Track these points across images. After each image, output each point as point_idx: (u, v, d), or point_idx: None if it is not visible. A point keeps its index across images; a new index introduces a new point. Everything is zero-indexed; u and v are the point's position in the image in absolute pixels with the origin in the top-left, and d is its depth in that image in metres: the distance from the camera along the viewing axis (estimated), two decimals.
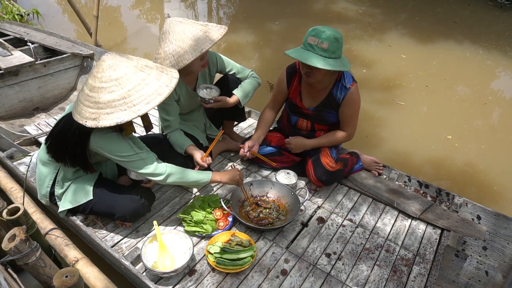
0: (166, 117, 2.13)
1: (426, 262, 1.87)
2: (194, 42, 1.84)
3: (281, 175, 2.24)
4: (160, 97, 1.55)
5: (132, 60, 1.57)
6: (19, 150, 2.43)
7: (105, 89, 1.50)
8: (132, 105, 1.51)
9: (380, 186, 2.27)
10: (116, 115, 1.50)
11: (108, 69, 1.51)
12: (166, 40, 1.88)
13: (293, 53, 1.91)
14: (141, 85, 1.52)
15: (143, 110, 1.52)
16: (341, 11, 6.50)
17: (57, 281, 1.23)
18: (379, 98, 4.03)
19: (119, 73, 1.51)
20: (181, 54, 1.84)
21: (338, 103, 2.09)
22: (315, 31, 1.86)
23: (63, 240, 1.67)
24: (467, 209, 2.16)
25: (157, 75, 1.58)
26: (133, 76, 1.52)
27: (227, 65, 2.27)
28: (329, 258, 1.85)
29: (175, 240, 1.80)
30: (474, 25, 6.24)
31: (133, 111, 1.51)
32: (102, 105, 1.50)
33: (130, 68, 1.53)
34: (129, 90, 1.51)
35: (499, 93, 4.39)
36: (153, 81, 1.55)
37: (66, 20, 5.93)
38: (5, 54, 3.14)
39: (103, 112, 1.50)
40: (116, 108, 1.50)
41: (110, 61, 1.52)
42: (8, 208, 1.56)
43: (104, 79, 1.51)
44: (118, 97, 1.50)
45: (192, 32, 1.87)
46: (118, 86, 1.50)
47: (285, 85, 2.20)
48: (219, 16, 6.63)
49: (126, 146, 1.67)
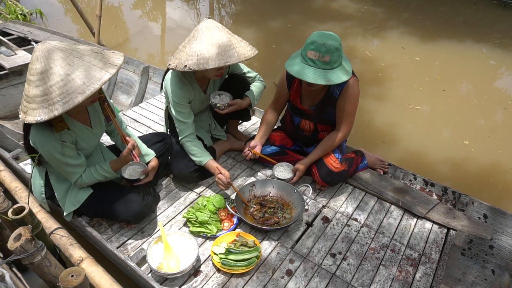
0: (183, 120, 2.08)
1: (432, 261, 1.85)
2: (223, 53, 1.83)
3: (278, 169, 2.23)
4: (81, 96, 1.40)
5: (63, 51, 1.43)
6: (24, 150, 2.43)
7: (33, 83, 1.42)
8: (51, 103, 1.40)
9: (385, 184, 2.26)
10: (38, 112, 1.41)
11: (35, 61, 1.41)
12: (197, 38, 1.87)
13: (295, 70, 1.86)
14: (63, 81, 1.39)
15: (59, 110, 1.39)
16: (348, 10, 6.47)
17: (63, 280, 1.23)
18: (395, 102, 3.96)
19: (45, 66, 1.40)
20: (206, 58, 1.82)
21: (335, 98, 2.06)
22: (314, 44, 1.81)
23: (68, 239, 1.67)
24: (473, 208, 2.15)
25: (87, 69, 1.43)
26: (57, 70, 1.39)
27: (237, 67, 2.29)
28: (334, 258, 1.84)
29: (180, 241, 1.80)
30: (481, 24, 6.17)
31: (51, 110, 1.40)
32: (30, 99, 1.43)
33: (56, 61, 1.40)
34: (50, 86, 1.40)
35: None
36: (78, 77, 1.41)
37: (68, 20, 5.93)
38: (9, 53, 3.15)
39: (30, 106, 1.43)
40: (39, 105, 1.42)
41: (39, 52, 1.41)
42: (13, 207, 1.55)
43: (32, 71, 1.42)
44: (41, 93, 1.41)
45: (225, 41, 1.85)
46: (42, 81, 1.40)
47: (286, 87, 2.19)
48: (221, 15, 6.62)
49: (54, 148, 1.57)
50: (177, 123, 2.11)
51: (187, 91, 2.07)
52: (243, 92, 2.25)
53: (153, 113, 2.97)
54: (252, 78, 2.33)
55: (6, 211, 1.57)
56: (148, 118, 2.90)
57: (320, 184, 2.21)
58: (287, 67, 1.90)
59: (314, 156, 2.18)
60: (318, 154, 2.17)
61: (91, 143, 1.80)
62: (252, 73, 2.33)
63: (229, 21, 6.26)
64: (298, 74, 1.85)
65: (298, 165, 2.20)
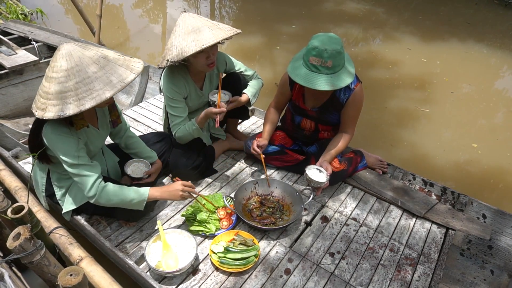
0: (176, 114, 2.10)
1: (431, 261, 1.85)
2: (198, 37, 1.83)
3: (312, 171, 2.03)
4: (108, 92, 1.45)
5: (89, 50, 1.48)
6: (24, 149, 2.43)
7: (55, 80, 1.44)
8: (77, 99, 1.43)
9: (384, 184, 2.26)
10: (60, 107, 1.44)
11: (60, 58, 1.44)
12: (175, 32, 1.89)
13: (299, 77, 1.85)
14: (90, 78, 1.44)
15: (87, 106, 1.43)
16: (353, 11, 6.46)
17: (62, 279, 1.23)
18: (403, 104, 3.95)
19: (71, 63, 1.43)
20: (183, 47, 1.83)
21: (342, 104, 2.06)
22: (316, 50, 1.79)
23: (67, 238, 1.68)
24: (472, 208, 2.15)
25: (112, 69, 1.48)
26: (84, 68, 1.44)
27: (235, 64, 2.29)
28: (332, 258, 1.84)
29: (179, 239, 1.80)
30: (483, 24, 6.16)
31: (77, 106, 1.43)
32: (51, 96, 1.45)
33: (83, 59, 1.44)
34: (76, 83, 1.43)
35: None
36: (105, 75, 1.46)
37: (69, 20, 5.94)
38: (9, 53, 3.16)
39: (50, 103, 1.45)
40: (62, 101, 1.43)
41: (64, 51, 1.44)
42: (13, 206, 1.56)
43: (55, 69, 1.45)
44: (66, 89, 1.43)
45: (200, 27, 1.85)
46: (67, 78, 1.43)
47: (288, 87, 2.18)
48: (222, 15, 6.62)
49: (69, 149, 1.57)
50: (171, 118, 2.13)
51: (181, 87, 2.07)
52: (241, 90, 2.25)
53: (153, 113, 2.97)
54: (250, 76, 2.33)
55: (5, 210, 1.57)
56: (148, 117, 2.91)
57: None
58: (292, 75, 1.88)
59: (330, 157, 2.09)
60: (333, 155, 2.10)
61: (98, 144, 1.82)
62: (249, 71, 2.33)
63: (230, 23, 6.26)
64: (303, 82, 1.84)
65: (325, 166, 2.03)
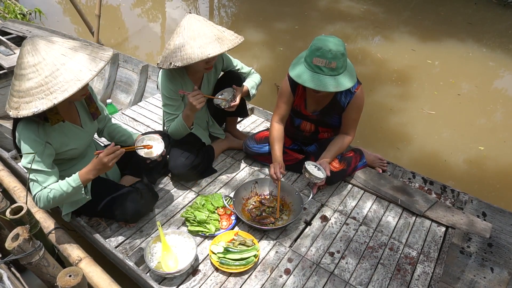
0: (171, 112, 2.10)
1: (431, 260, 1.85)
2: (204, 45, 1.82)
3: (311, 166, 2.06)
4: (79, 82, 1.42)
5: (55, 43, 1.46)
6: (15, 149, 2.43)
7: (24, 76, 1.42)
8: (49, 92, 1.41)
9: (384, 183, 2.26)
10: (33, 104, 1.41)
11: (26, 54, 1.42)
12: (179, 33, 1.87)
13: (303, 79, 1.83)
14: (60, 70, 1.41)
15: (59, 98, 1.40)
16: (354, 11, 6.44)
17: (61, 280, 1.23)
18: (407, 106, 3.92)
19: (37, 58, 1.41)
20: (188, 53, 1.82)
21: (343, 108, 2.06)
22: (320, 51, 1.77)
23: (66, 239, 1.68)
24: (472, 206, 2.14)
25: (81, 59, 1.45)
26: (52, 61, 1.41)
27: (233, 62, 2.29)
28: (332, 257, 1.84)
29: (179, 240, 1.80)
30: (482, 24, 6.14)
31: (49, 100, 1.40)
32: (22, 94, 1.43)
33: (49, 52, 1.42)
34: (46, 77, 1.41)
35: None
36: (74, 66, 1.43)
37: (68, 20, 5.93)
38: (8, 53, 3.15)
39: (23, 101, 1.43)
40: (34, 97, 1.41)
41: (29, 46, 1.43)
42: (12, 207, 1.56)
43: (23, 65, 1.43)
44: (36, 85, 1.41)
45: (206, 34, 1.84)
46: (36, 73, 1.41)
47: (291, 93, 2.12)
48: (220, 15, 6.60)
49: (29, 151, 1.54)
50: (165, 115, 2.14)
51: (177, 85, 2.07)
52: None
53: (152, 112, 2.97)
54: (246, 73, 2.34)
55: (4, 211, 1.57)
56: (147, 117, 2.90)
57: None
58: (299, 80, 1.85)
59: (330, 157, 2.11)
60: (333, 155, 2.12)
61: (82, 142, 1.78)
62: (245, 68, 2.34)
63: (228, 22, 6.24)
64: (312, 85, 1.81)
65: (325, 165, 2.06)
